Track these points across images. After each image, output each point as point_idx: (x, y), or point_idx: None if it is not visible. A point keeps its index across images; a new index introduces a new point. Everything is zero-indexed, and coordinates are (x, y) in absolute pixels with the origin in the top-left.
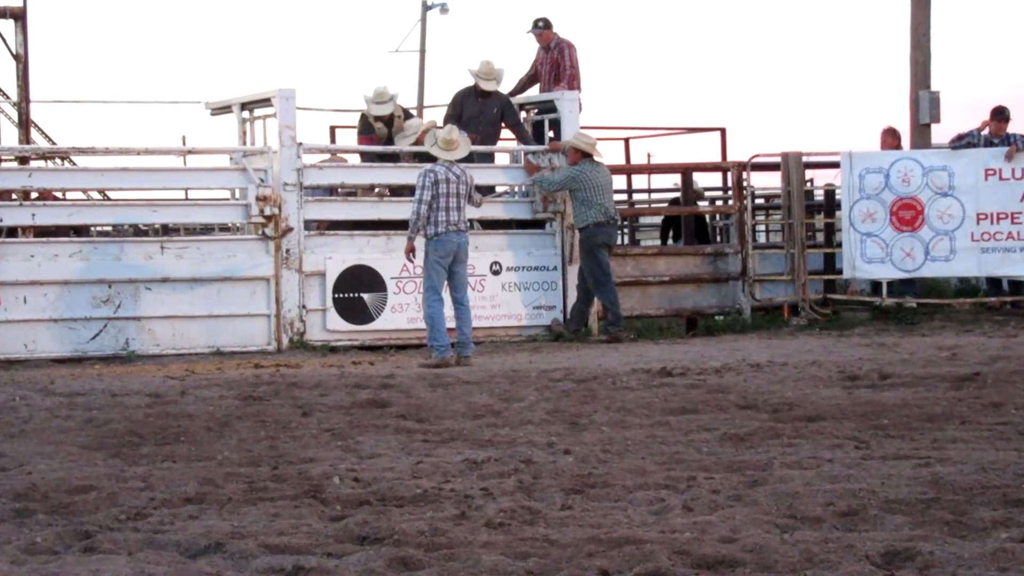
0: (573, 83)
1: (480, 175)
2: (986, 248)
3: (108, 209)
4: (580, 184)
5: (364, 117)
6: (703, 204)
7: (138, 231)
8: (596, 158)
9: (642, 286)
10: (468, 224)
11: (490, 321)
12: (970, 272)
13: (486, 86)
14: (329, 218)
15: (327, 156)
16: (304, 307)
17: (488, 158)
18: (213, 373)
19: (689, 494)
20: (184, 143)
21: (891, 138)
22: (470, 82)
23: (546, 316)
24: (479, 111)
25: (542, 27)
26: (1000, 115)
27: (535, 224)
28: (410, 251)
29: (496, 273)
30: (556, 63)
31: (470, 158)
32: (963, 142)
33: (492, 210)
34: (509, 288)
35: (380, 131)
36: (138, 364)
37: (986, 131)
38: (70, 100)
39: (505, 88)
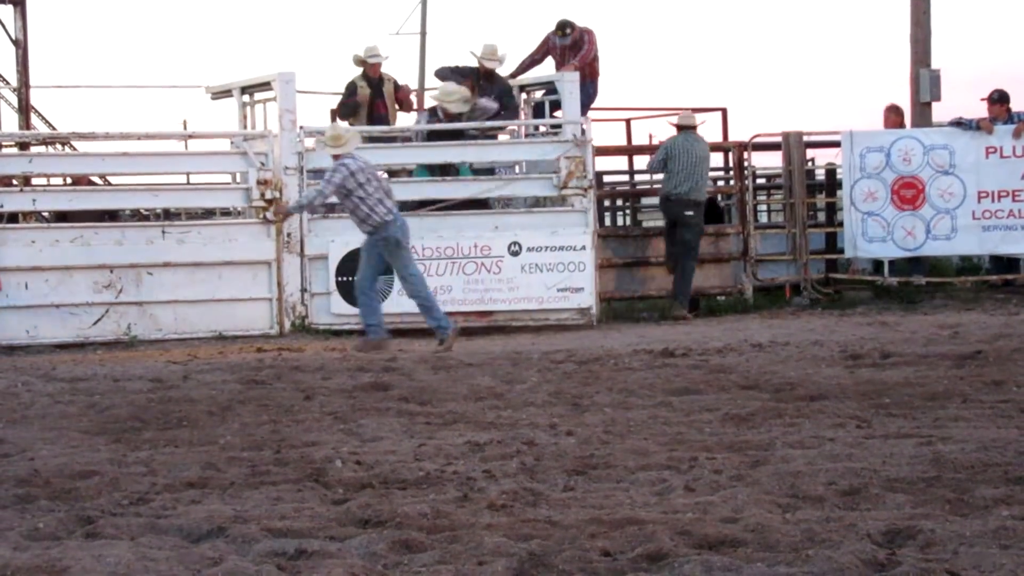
0: (594, 65)
1: (484, 153)
2: (987, 226)
3: (109, 194)
4: (669, 155)
5: (351, 83)
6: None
7: (140, 216)
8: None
9: (644, 267)
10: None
11: (507, 304)
12: (971, 250)
13: (489, 64)
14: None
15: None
16: (306, 291)
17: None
18: (215, 357)
19: (691, 474)
20: (185, 127)
21: (894, 115)
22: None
23: (572, 299)
24: (480, 94)
25: (570, 32)
26: (1000, 99)
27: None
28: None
29: (515, 254)
30: (577, 49)
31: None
32: (960, 127)
33: (512, 187)
34: (529, 270)
35: (362, 91)
36: (140, 349)
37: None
38: (70, 85)
39: (505, 71)
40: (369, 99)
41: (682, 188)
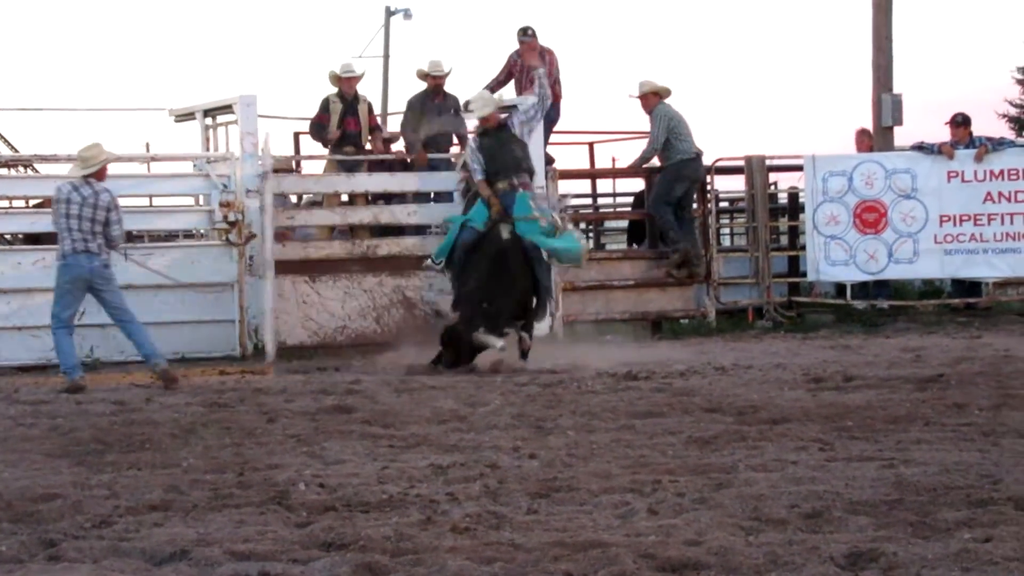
0: (556, 88)
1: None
2: (949, 250)
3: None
4: (673, 122)
5: (325, 99)
6: None
7: None
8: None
9: (607, 290)
10: (102, 247)
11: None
12: (933, 274)
13: (437, 74)
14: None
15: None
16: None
17: (444, 161)
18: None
19: (654, 497)
20: (148, 150)
21: (867, 138)
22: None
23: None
24: (437, 113)
25: (532, 35)
26: (964, 122)
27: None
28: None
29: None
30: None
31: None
32: (922, 152)
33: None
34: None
35: (335, 106)
36: (103, 372)
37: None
38: (33, 108)
39: (471, 92)
40: (340, 114)
41: (697, 148)
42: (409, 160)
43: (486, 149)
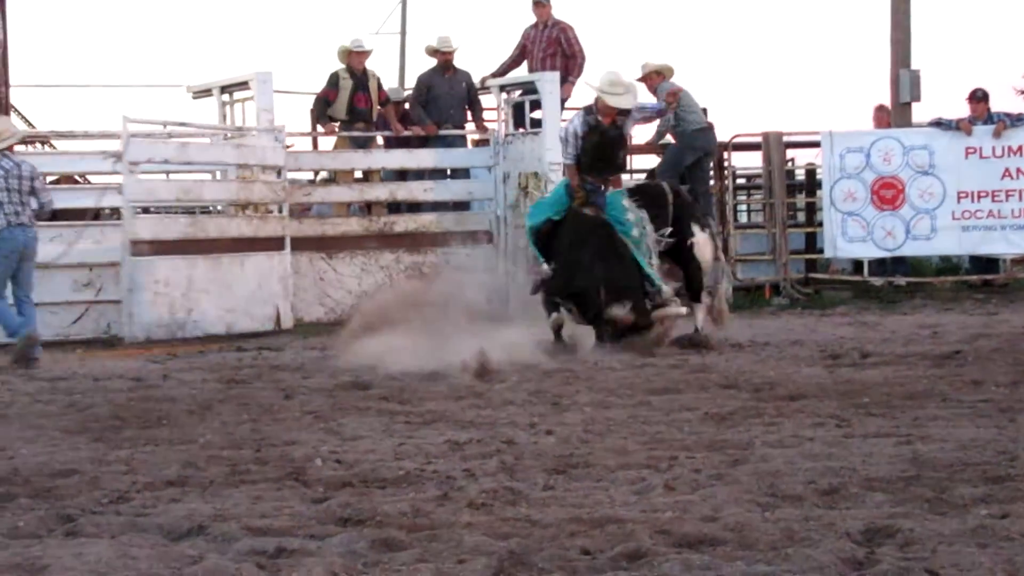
0: (577, 61)
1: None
2: (967, 226)
3: (89, 193)
4: (682, 94)
5: (334, 74)
6: None
7: (118, 215)
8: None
9: None
10: (32, 219)
11: None
12: (951, 251)
13: (446, 50)
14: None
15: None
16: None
17: (459, 138)
18: (195, 356)
19: (671, 473)
20: (164, 127)
21: (885, 115)
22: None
23: None
24: (448, 88)
25: (546, 1)
26: (984, 97)
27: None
28: None
29: None
30: (555, 41)
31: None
32: (940, 128)
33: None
34: None
35: (344, 82)
36: (120, 348)
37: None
38: (50, 84)
39: (487, 69)
40: (351, 90)
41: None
42: (418, 131)
43: (589, 140)
